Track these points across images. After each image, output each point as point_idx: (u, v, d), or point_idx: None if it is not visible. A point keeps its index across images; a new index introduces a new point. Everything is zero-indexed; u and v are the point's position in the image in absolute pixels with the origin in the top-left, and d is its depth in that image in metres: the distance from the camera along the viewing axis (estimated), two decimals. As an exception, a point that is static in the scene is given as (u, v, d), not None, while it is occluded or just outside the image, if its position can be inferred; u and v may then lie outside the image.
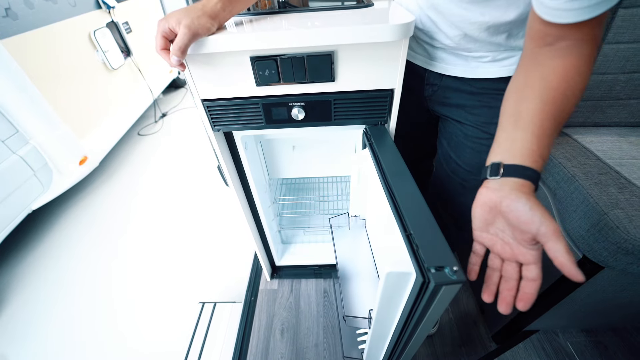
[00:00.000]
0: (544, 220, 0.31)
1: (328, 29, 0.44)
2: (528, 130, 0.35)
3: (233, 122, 0.58)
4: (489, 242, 0.39)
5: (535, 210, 0.31)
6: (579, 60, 0.35)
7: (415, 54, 0.61)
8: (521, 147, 0.35)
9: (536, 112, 0.35)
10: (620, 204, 0.54)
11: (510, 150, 0.35)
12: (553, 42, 0.36)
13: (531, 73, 0.37)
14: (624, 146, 0.67)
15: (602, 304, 0.73)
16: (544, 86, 0.36)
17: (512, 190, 0.33)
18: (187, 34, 0.40)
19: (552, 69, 0.36)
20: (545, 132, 0.34)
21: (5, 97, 1.17)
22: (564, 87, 0.35)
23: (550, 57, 0.36)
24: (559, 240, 0.30)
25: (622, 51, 0.62)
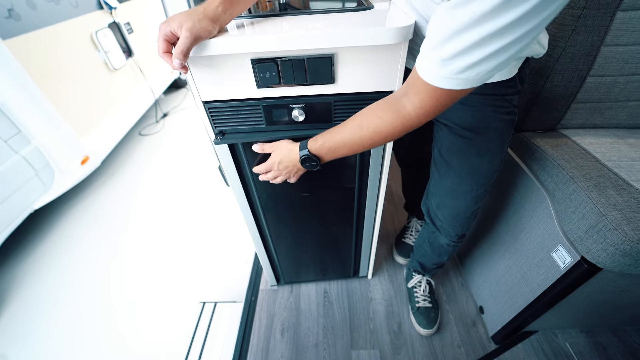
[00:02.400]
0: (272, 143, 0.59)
1: (328, 32, 0.45)
2: (326, 132, 0.51)
3: (234, 123, 0.58)
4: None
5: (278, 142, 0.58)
6: (400, 121, 0.43)
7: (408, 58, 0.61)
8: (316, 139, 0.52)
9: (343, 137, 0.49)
10: (618, 206, 0.54)
11: (316, 137, 0.52)
12: (404, 93, 0.42)
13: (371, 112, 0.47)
14: (623, 148, 0.68)
15: (601, 305, 0.73)
16: (356, 122, 0.47)
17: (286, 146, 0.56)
18: (189, 38, 0.41)
19: (379, 120, 0.45)
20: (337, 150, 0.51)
21: (8, 97, 1.18)
22: (370, 137, 0.46)
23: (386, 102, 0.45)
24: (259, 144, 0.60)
25: (621, 53, 0.62)
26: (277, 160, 0.56)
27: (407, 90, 0.42)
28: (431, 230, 0.80)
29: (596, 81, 0.67)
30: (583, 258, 0.59)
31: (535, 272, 0.73)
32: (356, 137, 0.47)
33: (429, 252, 0.88)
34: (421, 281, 1.02)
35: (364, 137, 0.46)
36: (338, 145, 0.50)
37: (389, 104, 0.44)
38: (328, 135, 0.50)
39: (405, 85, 0.43)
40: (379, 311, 1.04)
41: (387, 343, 0.95)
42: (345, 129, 0.48)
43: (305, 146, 0.52)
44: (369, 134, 0.46)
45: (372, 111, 0.46)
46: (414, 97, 0.40)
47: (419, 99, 0.40)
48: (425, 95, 0.39)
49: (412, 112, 0.41)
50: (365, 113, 0.47)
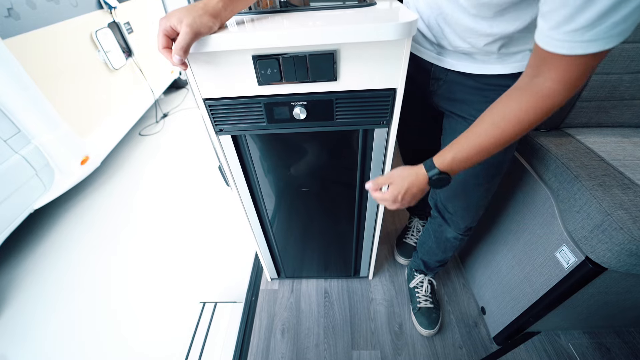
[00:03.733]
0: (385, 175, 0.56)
1: (330, 28, 0.44)
2: (454, 145, 0.48)
3: (235, 121, 0.58)
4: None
5: (391, 172, 0.55)
6: (538, 101, 0.40)
7: (423, 48, 0.62)
8: (447, 148, 0.49)
9: (471, 134, 0.46)
10: (624, 205, 0.53)
11: (441, 153, 0.50)
12: (535, 74, 0.40)
13: (501, 106, 0.44)
14: (628, 147, 0.67)
15: (605, 306, 0.73)
16: (490, 122, 0.44)
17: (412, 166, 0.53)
18: (189, 33, 0.40)
19: (505, 106, 0.43)
20: (464, 150, 0.47)
21: (8, 96, 1.17)
22: (505, 128, 0.43)
23: (519, 90, 0.42)
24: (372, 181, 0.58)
25: (627, 51, 0.61)
26: (403, 190, 0.52)
27: (538, 71, 0.39)
28: (438, 224, 0.80)
29: (601, 79, 0.66)
30: (587, 258, 0.58)
31: (539, 273, 0.72)
32: (494, 137, 0.43)
33: (434, 248, 0.87)
34: (423, 281, 1.01)
35: (504, 133, 0.43)
36: (472, 153, 0.46)
37: (523, 90, 0.41)
38: (457, 146, 0.47)
39: (531, 69, 0.40)
40: (380, 311, 1.03)
41: (388, 344, 0.94)
42: (479, 132, 0.45)
43: (433, 165, 0.49)
44: (510, 129, 0.42)
45: (504, 104, 0.43)
46: (552, 73, 0.38)
47: (558, 73, 0.37)
48: (566, 68, 0.36)
49: (555, 87, 0.38)
50: (497, 109, 0.43)
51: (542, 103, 0.40)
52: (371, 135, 0.65)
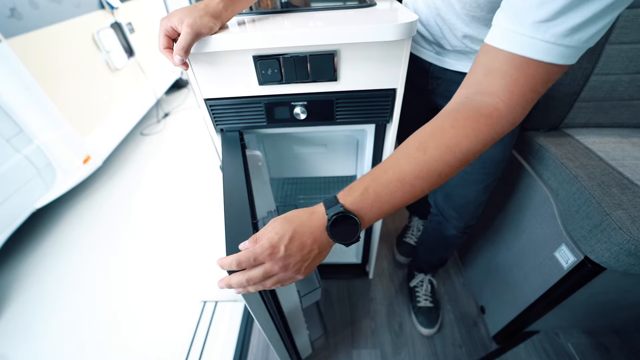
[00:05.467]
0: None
1: (331, 28, 0.44)
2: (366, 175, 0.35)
3: (235, 121, 0.58)
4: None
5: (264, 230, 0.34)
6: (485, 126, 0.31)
7: (422, 48, 0.63)
8: (352, 187, 0.34)
9: (398, 172, 0.33)
10: (623, 205, 0.53)
11: (350, 186, 0.35)
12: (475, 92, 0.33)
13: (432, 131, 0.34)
14: (627, 147, 0.67)
15: (604, 305, 0.73)
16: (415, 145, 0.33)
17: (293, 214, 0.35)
18: (190, 34, 0.41)
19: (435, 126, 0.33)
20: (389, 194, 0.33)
21: (10, 96, 1.18)
22: (432, 152, 0.32)
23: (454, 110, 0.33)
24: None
25: (626, 52, 0.61)
26: (285, 235, 0.32)
27: (481, 85, 0.32)
28: (438, 222, 0.81)
29: (600, 80, 0.66)
30: (586, 258, 0.59)
31: (538, 272, 0.72)
32: (419, 165, 0.32)
33: (434, 246, 0.87)
34: (423, 280, 1.02)
35: (433, 161, 0.32)
36: (391, 187, 0.33)
37: (460, 109, 0.33)
38: (369, 176, 0.34)
39: (473, 84, 0.33)
40: (380, 311, 1.03)
41: (388, 343, 0.95)
42: (398, 159, 0.34)
43: (336, 201, 0.33)
44: (440, 155, 0.32)
45: (435, 126, 0.34)
46: (497, 84, 0.31)
47: (504, 84, 0.30)
48: (514, 75, 0.29)
49: (499, 104, 0.31)
50: (425, 131, 0.34)
51: (485, 124, 0.31)
52: (371, 135, 0.66)
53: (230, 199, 0.43)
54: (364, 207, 0.33)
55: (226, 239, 0.38)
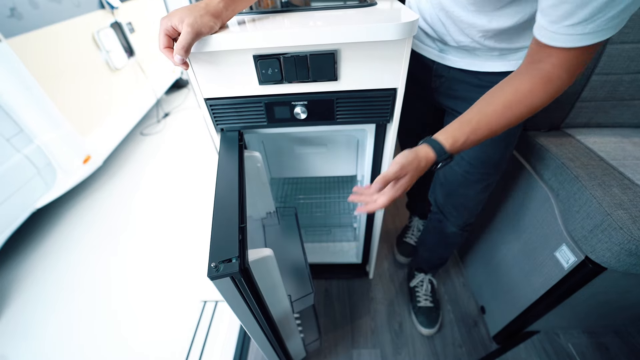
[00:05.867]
0: (391, 165, 0.46)
1: (331, 28, 0.44)
2: (465, 127, 0.45)
3: (236, 121, 0.58)
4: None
5: (398, 156, 0.46)
6: (545, 85, 0.41)
7: (425, 46, 0.63)
8: (444, 130, 0.47)
9: (480, 114, 0.45)
10: (624, 205, 0.53)
11: (442, 130, 0.47)
12: (537, 61, 0.41)
13: (505, 86, 0.44)
14: (628, 147, 0.67)
15: (604, 305, 0.73)
16: (502, 103, 0.44)
17: (413, 147, 0.47)
18: (190, 33, 0.41)
19: (516, 89, 0.43)
20: (473, 131, 0.45)
21: (10, 96, 1.18)
22: (516, 110, 0.43)
23: (526, 75, 0.42)
24: (375, 183, 0.46)
25: (627, 51, 0.61)
26: (406, 162, 0.45)
27: (539, 58, 0.41)
28: (438, 220, 0.81)
29: (601, 79, 0.66)
30: (587, 258, 0.58)
31: (538, 272, 0.72)
32: (505, 120, 0.44)
33: (435, 244, 0.88)
34: (423, 280, 1.02)
35: (514, 116, 0.43)
36: (483, 137, 0.45)
37: (529, 74, 0.42)
38: (468, 128, 0.45)
39: (531, 57, 0.42)
40: (380, 310, 1.03)
41: (388, 342, 0.95)
42: (489, 113, 0.44)
43: (444, 150, 0.45)
44: (519, 111, 0.43)
45: (513, 87, 0.43)
46: (554, 60, 0.39)
47: (560, 61, 0.39)
48: (567, 58, 0.38)
49: (558, 72, 0.40)
50: (507, 91, 0.43)
51: (549, 86, 0.41)
52: (372, 134, 0.66)
53: (220, 201, 0.43)
54: (460, 150, 0.46)
55: (211, 241, 0.38)
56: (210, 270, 0.35)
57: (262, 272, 0.42)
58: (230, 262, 0.35)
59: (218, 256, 0.36)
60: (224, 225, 0.40)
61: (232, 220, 0.40)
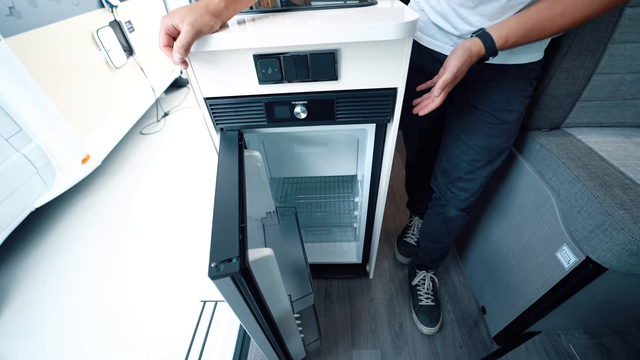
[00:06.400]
0: (446, 65, 0.50)
1: (331, 27, 0.44)
2: (518, 24, 0.47)
3: (235, 120, 0.58)
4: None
5: (451, 57, 0.50)
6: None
7: (438, 41, 0.63)
8: (499, 26, 0.48)
9: (535, 17, 0.46)
10: (625, 205, 0.53)
11: (497, 25, 0.49)
12: None
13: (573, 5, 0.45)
14: (629, 147, 0.67)
15: (605, 306, 0.73)
16: (560, 12, 0.45)
17: (466, 43, 0.49)
18: (190, 32, 0.40)
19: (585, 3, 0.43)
20: (526, 32, 0.47)
21: (9, 95, 1.17)
22: (570, 19, 0.45)
23: None
24: (441, 78, 0.50)
25: (629, 50, 0.61)
26: (460, 64, 0.49)
27: None
28: (441, 205, 0.83)
29: (602, 79, 0.66)
30: (588, 258, 0.58)
31: (539, 272, 0.72)
32: (556, 26, 0.46)
33: (436, 232, 0.89)
34: (425, 278, 1.01)
35: (565, 24, 0.45)
36: (532, 38, 0.47)
37: None
38: (522, 30, 0.47)
39: None
40: (381, 311, 1.03)
41: (388, 342, 0.95)
42: (545, 24, 0.46)
43: (493, 42, 0.48)
44: (573, 21, 0.45)
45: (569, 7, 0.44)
46: None
47: None
48: None
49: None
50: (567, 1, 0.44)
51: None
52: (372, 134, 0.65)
53: (220, 201, 0.43)
54: (509, 47, 0.49)
55: (211, 241, 0.37)
56: (211, 270, 0.35)
57: (263, 272, 0.42)
58: (231, 262, 0.35)
59: (218, 256, 0.35)
60: (224, 225, 0.40)
61: (232, 220, 0.40)
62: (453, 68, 0.48)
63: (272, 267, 0.46)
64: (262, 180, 0.71)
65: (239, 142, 0.56)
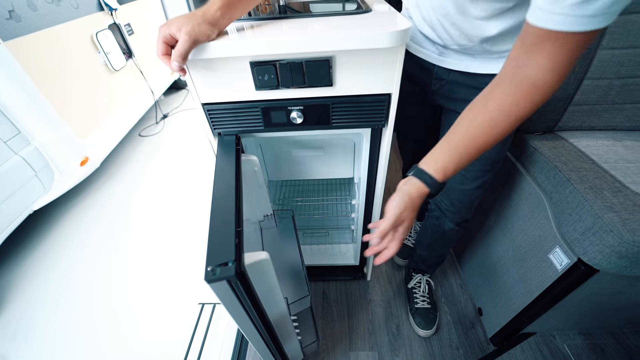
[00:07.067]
0: (385, 212, 0.46)
1: (326, 36, 0.45)
2: (451, 151, 0.44)
3: (233, 125, 0.59)
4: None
5: (390, 203, 0.45)
6: (531, 94, 0.38)
7: (425, 49, 0.64)
8: (432, 159, 0.45)
9: (466, 137, 0.43)
10: (614, 208, 0.54)
11: (429, 157, 0.45)
12: (522, 65, 0.38)
13: (489, 102, 0.42)
14: (619, 150, 0.68)
15: (598, 307, 0.74)
16: (487, 122, 0.41)
17: (404, 186, 0.46)
18: (187, 41, 0.41)
19: (500, 106, 0.40)
20: (463, 156, 0.43)
21: (8, 98, 1.18)
22: (503, 125, 0.41)
23: (510, 84, 0.40)
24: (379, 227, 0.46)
25: (617, 56, 0.63)
26: (399, 211, 0.44)
27: (525, 60, 0.37)
28: (436, 217, 0.83)
29: (593, 84, 0.67)
30: (580, 260, 0.59)
31: (533, 274, 0.73)
32: (491, 136, 0.42)
33: (432, 242, 0.89)
34: (421, 281, 1.02)
35: (500, 131, 0.41)
36: (471, 158, 0.43)
37: (512, 83, 0.39)
38: (456, 156, 0.43)
39: (515, 60, 0.39)
40: (378, 312, 1.04)
41: (385, 344, 0.95)
42: (474, 134, 0.42)
43: (432, 178, 0.43)
44: (505, 126, 0.40)
45: (496, 100, 0.40)
46: (541, 59, 0.36)
47: (548, 59, 0.35)
48: (558, 50, 0.34)
49: (544, 76, 0.37)
50: (490, 106, 0.41)
51: (535, 95, 0.38)
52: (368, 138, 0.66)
53: (217, 206, 0.43)
54: (450, 175, 0.44)
55: (208, 245, 0.38)
56: (207, 274, 0.35)
57: (259, 275, 0.43)
58: (227, 266, 0.36)
59: (215, 260, 0.36)
60: (220, 229, 0.41)
61: (229, 224, 0.41)
62: (391, 216, 0.44)
63: (268, 270, 0.46)
64: (260, 183, 0.72)
65: (236, 146, 0.57)
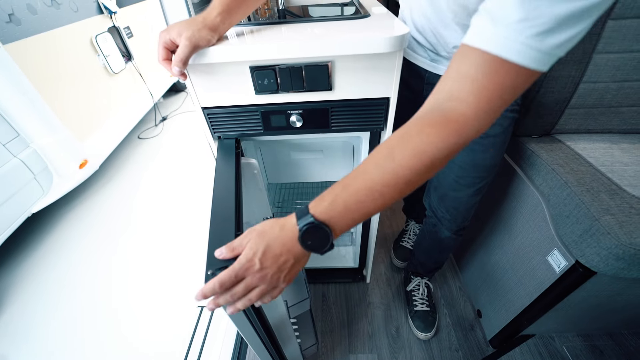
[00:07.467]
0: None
1: (325, 41, 0.46)
2: (347, 190, 0.34)
3: (233, 129, 0.59)
4: None
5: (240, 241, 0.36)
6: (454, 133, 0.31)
7: (418, 55, 0.64)
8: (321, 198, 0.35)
9: (366, 181, 0.33)
10: (611, 210, 0.55)
11: (319, 196, 0.35)
12: (447, 99, 0.32)
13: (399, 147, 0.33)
14: (616, 153, 0.69)
15: (596, 308, 0.74)
16: (394, 160, 0.32)
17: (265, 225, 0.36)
18: (188, 46, 0.42)
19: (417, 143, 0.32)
20: (359, 203, 0.33)
21: (7, 101, 1.18)
22: (413, 167, 0.32)
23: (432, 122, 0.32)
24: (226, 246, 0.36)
25: (612, 60, 0.63)
26: (260, 251, 0.34)
27: (451, 90, 0.31)
28: (433, 224, 0.82)
29: (589, 87, 0.68)
30: (578, 262, 0.60)
31: (532, 276, 0.73)
32: (387, 174, 0.32)
33: (430, 248, 0.89)
34: (420, 284, 1.02)
35: (400, 168, 0.32)
36: (360, 196, 0.33)
37: (428, 116, 0.33)
38: (340, 185, 0.34)
39: (444, 89, 0.32)
40: (377, 315, 1.04)
41: (385, 347, 0.95)
42: (368, 167, 0.33)
43: (307, 211, 0.34)
44: (406, 162, 0.32)
45: (403, 133, 0.33)
46: (466, 89, 0.30)
47: (473, 89, 0.30)
48: (483, 80, 0.29)
49: (467, 110, 0.30)
50: (394, 138, 0.33)
51: (452, 130, 0.31)
52: (366, 141, 0.67)
53: (217, 209, 0.44)
54: (335, 215, 0.33)
55: (208, 248, 0.38)
56: (207, 277, 0.35)
57: (258, 279, 0.43)
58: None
59: (214, 263, 0.36)
60: (220, 232, 0.41)
61: (229, 227, 0.41)
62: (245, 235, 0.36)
63: (268, 274, 0.46)
64: (259, 186, 0.72)
65: (236, 150, 0.57)
